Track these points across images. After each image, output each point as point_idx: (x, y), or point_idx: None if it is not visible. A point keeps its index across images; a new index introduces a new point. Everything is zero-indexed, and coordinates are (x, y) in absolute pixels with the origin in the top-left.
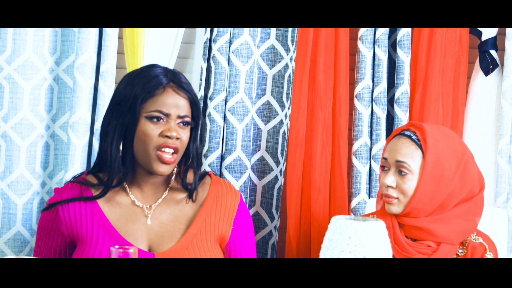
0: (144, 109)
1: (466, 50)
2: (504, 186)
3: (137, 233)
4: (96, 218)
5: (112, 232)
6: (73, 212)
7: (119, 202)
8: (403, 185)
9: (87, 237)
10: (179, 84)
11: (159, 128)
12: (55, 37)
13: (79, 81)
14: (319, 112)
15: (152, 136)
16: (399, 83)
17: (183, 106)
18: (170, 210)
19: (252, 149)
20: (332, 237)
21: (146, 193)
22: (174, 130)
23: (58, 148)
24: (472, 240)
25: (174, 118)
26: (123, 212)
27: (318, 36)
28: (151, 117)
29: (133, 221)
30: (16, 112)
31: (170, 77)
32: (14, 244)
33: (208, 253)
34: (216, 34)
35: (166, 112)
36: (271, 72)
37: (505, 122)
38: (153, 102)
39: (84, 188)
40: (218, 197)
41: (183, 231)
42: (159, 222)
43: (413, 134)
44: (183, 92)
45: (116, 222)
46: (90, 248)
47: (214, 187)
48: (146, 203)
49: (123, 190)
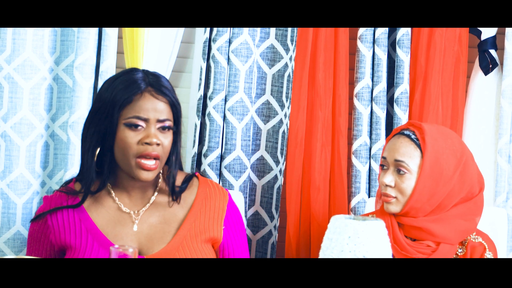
0: (123, 115)
1: (465, 49)
2: (503, 186)
3: (126, 237)
4: (84, 225)
5: (100, 237)
6: (61, 220)
7: (107, 207)
8: (402, 184)
9: (75, 244)
10: (158, 88)
11: (138, 135)
12: (54, 37)
13: (78, 81)
14: (318, 111)
15: (131, 144)
16: (398, 83)
17: (162, 110)
18: (159, 213)
19: (252, 149)
20: (332, 236)
21: (134, 197)
22: (153, 136)
23: (57, 148)
24: (471, 240)
25: (153, 122)
26: (111, 218)
27: (317, 35)
28: (130, 124)
29: (122, 225)
30: (15, 112)
31: (149, 81)
32: (14, 243)
33: (199, 254)
34: (216, 34)
35: (144, 117)
36: (270, 72)
37: (504, 121)
38: (131, 108)
39: (70, 197)
40: (206, 198)
41: (173, 233)
42: (148, 225)
43: (412, 134)
44: (162, 96)
45: (105, 228)
46: (79, 254)
47: (202, 189)
48: (134, 208)
49: (109, 196)
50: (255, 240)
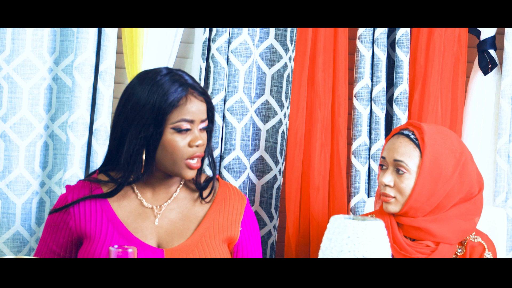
0: (170, 120)
1: (465, 49)
2: (503, 185)
3: (146, 230)
4: (106, 215)
5: (121, 228)
6: (83, 208)
7: (129, 200)
8: (401, 184)
9: (95, 233)
10: (199, 89)
11: (186, 139)
12: (54, 37)
13: (78, 81)
14: (318, 111)
15: (181, 147)
16: (398, 83)
17: (203, 110)
18: (180, 209)
19: (251, 149)
20: (331, 236)
21: (158, 192)
22: (200, 138)
23: (57, 148)
24: (471, 240)
25: (197, 123)
26: (133, 210)
27: (317, 35)
28: (178, 128)
29: (142, 219)
30: (15, 112)
31: (187, 82)
32: (13, 244)
33: (216, 252)
34: (215, 34)
35: (190, 119)
36: (270, 72)
37: (504, 121)
38: (178, 112)
39: (94, 186)
40: (226, 199)
41: (192, 230)
42: (168, 220)
43: (412, 134)
44: (202, 97)
45: (126, 219)
46: (98, 244)
47: (222, 190)
48: (157, 202)
49: (132, 190)
50: None
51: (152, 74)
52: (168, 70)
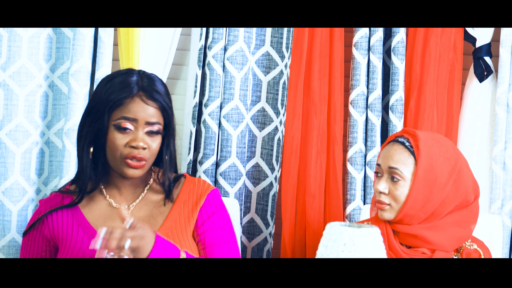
0: (112, 117)
1: (460, 56)
2: (498, 193)
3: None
4: (76, 221)
5: (91, 231)
6: (55, 217)
7: (99, 204)
8: (395, 191)
9: (67, 238)
10: (149, 93)
11: (126, 138)
12: (50, 44)
13: (74, 88)
14: (314, 118)
15: (119, 145)
16: (393, 90)
17: (152, 114)
18: (148, 208)
19: (247, 156)
20: (327, 243)
21: (125, 193)
22: (140, 140)
23: (53, 155)
24: (466, 247)
25: (142, 125)
26: (102, 213)
27: (312, 42)
28: (118, 125)
29: (112, 220)
30: (11, 119)
31: (142, 85)
32: (9, 251)
33: (185, 246)
34: (211, 41)
35: (132, 117)
36: (266, 79)
37: (499, 128)
38: (120, 110)
39: (65, 196)
40: (190, 193)
41: (159, 226)
42: (137, 218)
43: (406, 141)
44: (152, 101)
45: (96, 222)
46: (69, 248)
47: (186, 185)
48: (126, 203)
49: (101, 194)
50: (251, 247)
51: (114, 73)
52: (131, 72)
